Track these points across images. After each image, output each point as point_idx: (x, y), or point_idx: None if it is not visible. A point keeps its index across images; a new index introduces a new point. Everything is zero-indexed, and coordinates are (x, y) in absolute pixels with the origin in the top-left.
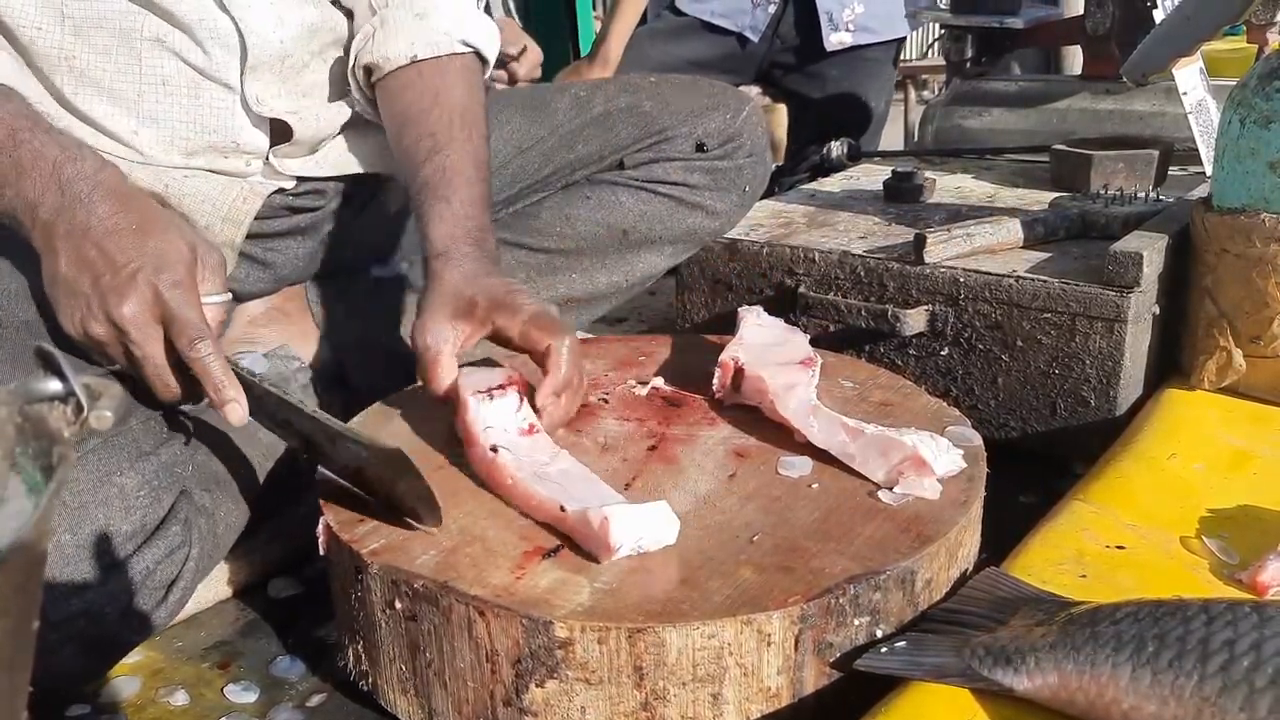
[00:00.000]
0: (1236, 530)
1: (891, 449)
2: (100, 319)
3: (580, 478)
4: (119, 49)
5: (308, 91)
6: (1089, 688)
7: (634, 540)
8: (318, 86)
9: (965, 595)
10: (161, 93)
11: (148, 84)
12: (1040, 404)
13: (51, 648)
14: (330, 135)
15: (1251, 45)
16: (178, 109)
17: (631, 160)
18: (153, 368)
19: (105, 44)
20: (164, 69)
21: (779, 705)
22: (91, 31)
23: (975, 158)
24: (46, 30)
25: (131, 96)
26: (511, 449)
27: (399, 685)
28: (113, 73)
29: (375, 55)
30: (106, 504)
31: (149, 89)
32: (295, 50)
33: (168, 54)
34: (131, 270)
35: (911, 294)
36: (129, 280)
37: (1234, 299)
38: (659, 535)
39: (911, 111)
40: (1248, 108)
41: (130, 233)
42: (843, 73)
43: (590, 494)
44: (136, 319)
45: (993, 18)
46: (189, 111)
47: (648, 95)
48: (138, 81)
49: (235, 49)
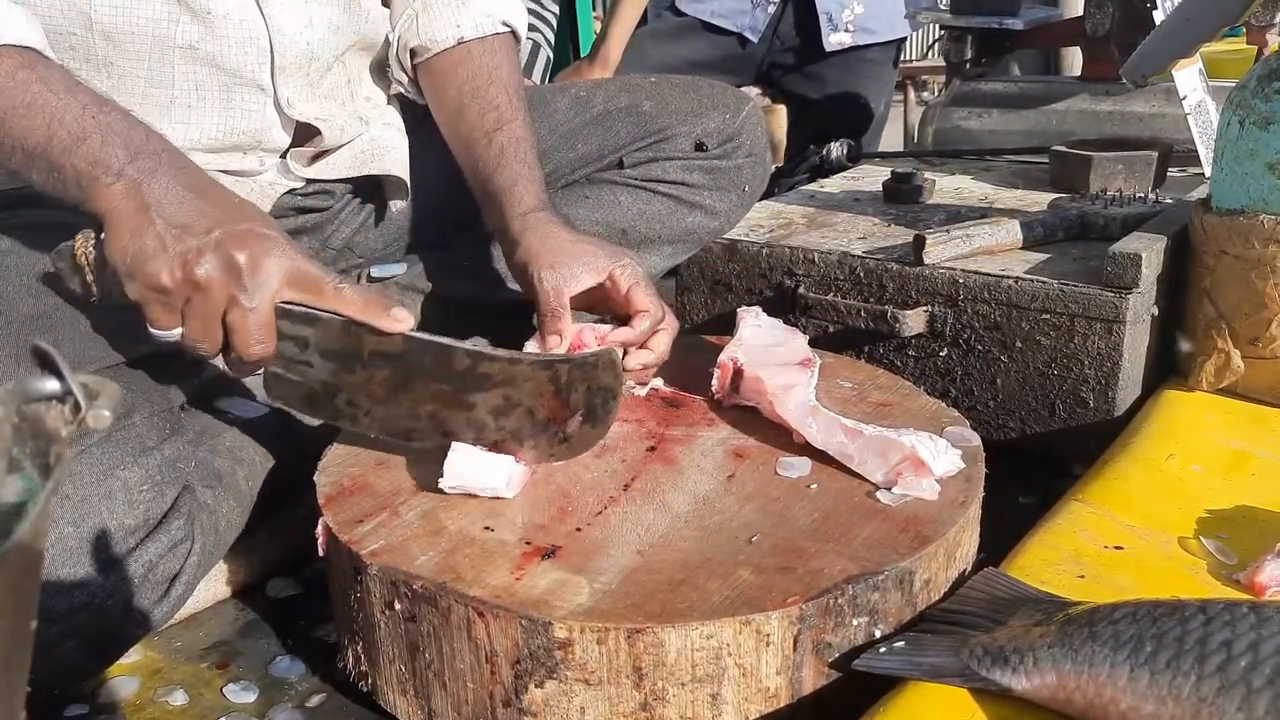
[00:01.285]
0: (1234, 531)
1: (890, 449)
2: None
3: None
4: (152, 55)
5: (330, 94)
6: (1087, 688)
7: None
8: (339, 89)
9: (963, 595)
10: (194, 97)
11: (180, 89)
12: (1039, 405)
13: (53, 643)
14: (347, 140)
15: (1251, 46)
16: (209, 112)
17: (631, 160)
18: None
19: (138, 50)
20: (197, 74)
21: (778, 705)
22: (123, 39)
23: (975, 159)
24: (80, 37)
25: (164, 101)
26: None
27: (398, 686)
28: (146, 78)
29: (422, 38)
30: (110, 498)
31: (181, 93)
32: (321, 53)
33: (200, 61)
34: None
35: (911, 295)
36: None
37: (1233, 300)
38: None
39: (911, 112)
40: (1247, 109)
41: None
42: (842, 73)
43: None
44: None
45: (992, 19)
46: (220, 114)
47: (647, 95)
48: (171, 87)
49: (266, 49)
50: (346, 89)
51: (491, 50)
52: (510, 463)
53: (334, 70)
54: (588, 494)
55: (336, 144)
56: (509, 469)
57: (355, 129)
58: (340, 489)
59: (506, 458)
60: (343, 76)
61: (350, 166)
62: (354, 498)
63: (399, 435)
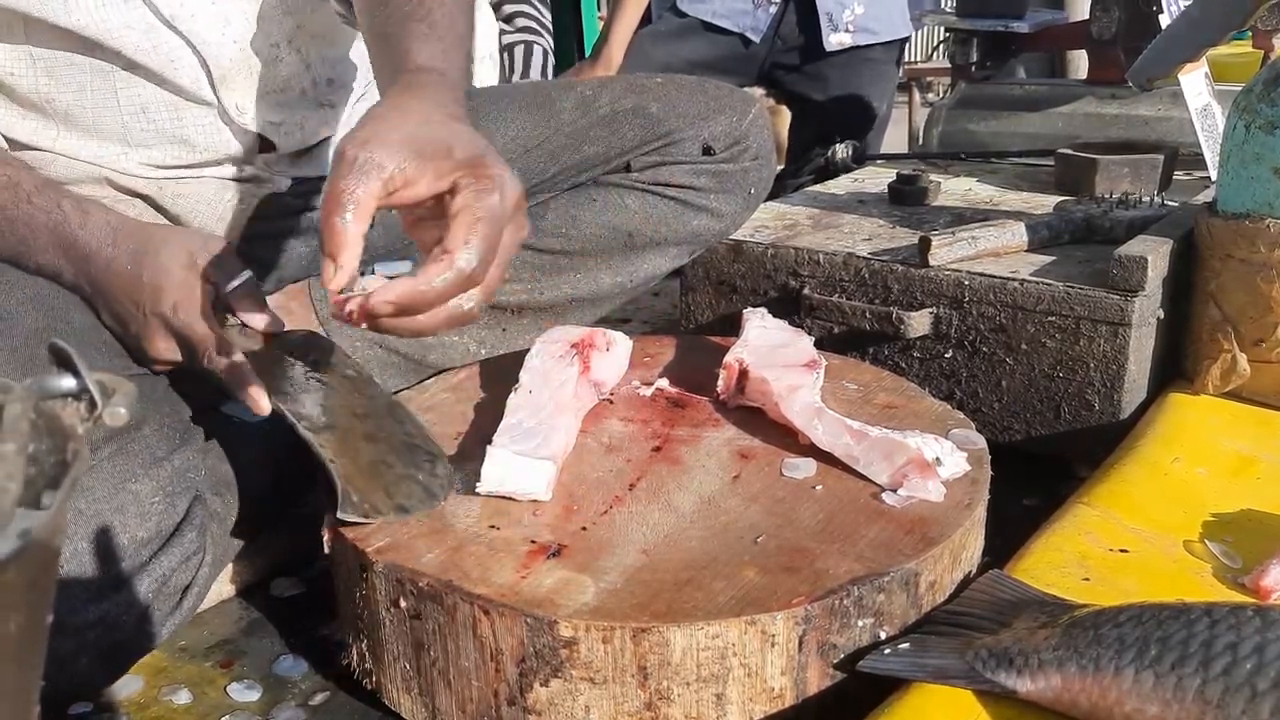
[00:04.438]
0: (1240, 535)
1: (895, 451)
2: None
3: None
4: (93, 85)
5: (286, 87)
6: (1091, 690)
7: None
8: (297, 78)
9: (968, 597)
10: (144, 120)
11: (129, 114)
12: (1044, 407)
13: (68, 658)
14: (315, 141)
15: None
16: (163, 133)
17: (638, 163)
18: (222, 373)
19: (80, 82)
20: (142, 97)
21: (782, 706)
22: (63, 71)
23: (980, 161)
24: (20, 75)
25: (116, 128)
26: None
27: (403, 684)
28: (92, 109)
29: None
30: (122, 511)
31: (131, 118)
32: (258, 45)
33: (142, 82)
34: (143, 311)
35: (916, 297)
36: (145, 321)
37: (1238, 304)
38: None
39: (916, 114)
40: (1253, 113)
41: (128, 275)
42: (844, 73)
43: None
44: (168, 351)
45: (998, 22)
46: (174, 133)
47: (654, 97)
48: (119, 113)
49: (195, 65)
50: (306, 75)
51: None
52: (548, 466)
53: (285, 62)
54: (593, 493)
55: (299, 146)
56: (547, 472)
57: (318, 121)
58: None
59: (544, 461)
60: (299, 64)
61: (329, 162)
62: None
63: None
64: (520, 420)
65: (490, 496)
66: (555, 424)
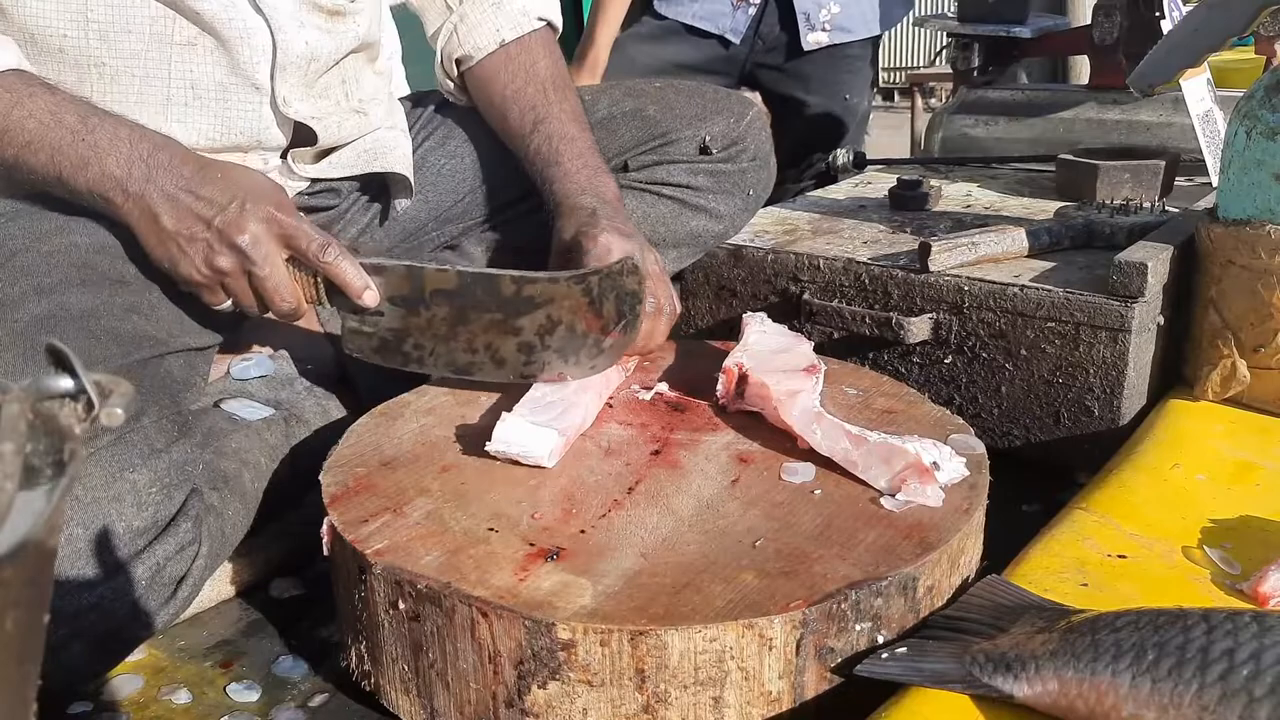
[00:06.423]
0: (1238, 541)
1: (894, 456)
2: (225, 252)
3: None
4: (148, 54)
5: (325, 94)
6: (1089, 695)
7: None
8: (333, 89)
9: (966, 602)
10: (190, 95)
11: (176, 87)
12: (1044, 413)
13: (60, 644)
14: (348, 141)
15: (1259, 56)
16: (205, 111)
17: (635, 163)
18: (274, 284)
19: (134, 49)
20: (193, 72)
21: (780, 709)
22: (119, 37)
23: (981, 166)
24: (73, 38)
25: (160, 100)
26: None
27: (401, 686)
28: (141, 77)
29: (465, 48)
30: (119, 500)
31: (177, 92)
32: (320, 53)
33: (198, 58)
34: (239, 203)
35: (916, 302)
36: (240, 211)
37: (1239, 310)
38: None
39: (918, 120)
40: (1254, 119)
41: (219, 179)
42: (823, 71)
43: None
44: (258, 240)
45: (1000, 27)
46: (216, 113)
47: (652, 100)
48: (166, 85)
49: (266, 49)
50: (341, 89)
51: (528, 49)
52: (555, 435)
53: (333, 72)
54: (592, 497)
55: (334, 143)
56: (552, 441)
57: (353, 126)
58: (345, 489)
59: (551, 430)
60: (337, 77)
61: (353, 164)
62: (359, 497)
63: (461, 370)
64: (544, 394)
65: (498, 458)
66: (575, 400)
